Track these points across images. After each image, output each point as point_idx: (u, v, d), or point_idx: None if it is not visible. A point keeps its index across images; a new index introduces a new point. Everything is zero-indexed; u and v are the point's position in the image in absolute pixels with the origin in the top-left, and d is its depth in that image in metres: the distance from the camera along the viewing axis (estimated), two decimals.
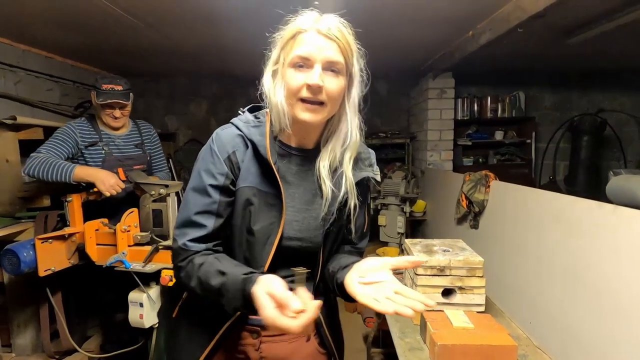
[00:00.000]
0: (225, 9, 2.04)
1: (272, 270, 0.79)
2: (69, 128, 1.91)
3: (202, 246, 0.78)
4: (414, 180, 3.28)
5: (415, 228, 3.56)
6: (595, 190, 3.67)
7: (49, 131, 2.14)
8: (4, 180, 2.08)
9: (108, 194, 1.75)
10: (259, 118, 0.84)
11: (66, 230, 1.70)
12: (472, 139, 3.94)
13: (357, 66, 0.79)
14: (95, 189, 1.77)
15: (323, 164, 0.81)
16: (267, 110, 0.82)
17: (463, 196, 2.31)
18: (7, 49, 2.47)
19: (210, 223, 0.78)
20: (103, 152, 1.95)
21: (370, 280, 0.70)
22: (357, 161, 0.85)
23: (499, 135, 4.01)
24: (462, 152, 3.95)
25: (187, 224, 0.79)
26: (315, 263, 0.84)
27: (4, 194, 2.08)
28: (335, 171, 0.83)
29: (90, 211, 1.82)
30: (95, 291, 2.11)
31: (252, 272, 0.71)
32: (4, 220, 2.01)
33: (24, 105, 2.60)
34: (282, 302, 0.60)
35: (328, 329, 0.90)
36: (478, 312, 1.29)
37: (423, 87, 3.75)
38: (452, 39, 2.68)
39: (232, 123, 0.84)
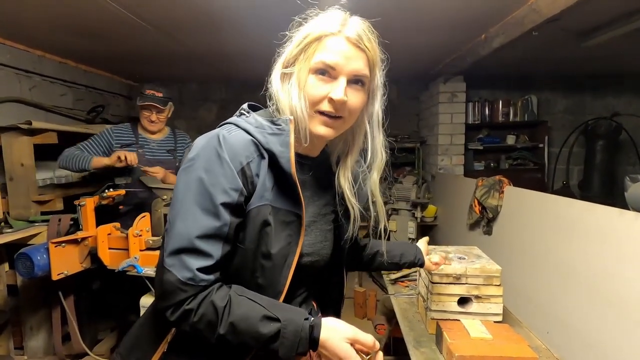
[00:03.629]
0: (235, 16, 2.05)
1: (288, 293, 0.71)
2: (105, 131, 2.10)
3: (211, 278, 0.63)
4: (425, 185, 3.24)
5: (426, 233, 3.52)
6: (610, 195, 3.60)
7: (62, 136, 2.17)
8: (19, 184, 2.10)
9: (122, 160, 1.89)
10: (279, 125, 0.69)
11: (79, 234, 1.71)
12: (484, 144, 3.89)
13: (381, 79, 0.74)
14: (109, 192, 1.79)
15: (344, 181, 0.77)
16: (291, 118, 0.69)
17: (476, 201, 2.27)
18: (23, 54, 2.51)
19: (218, 251, 0.63)
20: (137, 153, 2.06)
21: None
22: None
23: (510, 140, 3.96)
24: (473, 157, 3.91)
25: (188, 250, 0.61)
26: (330, 279, 0.85)
27: (19, 197, 2.11)
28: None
29: (103, 216, 1.83)
30: (107, 295, 2.13)
31: (309, 315, 0.64)
32: (19, 224, 2.03)
33: (39, 110, 2.64)
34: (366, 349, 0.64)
35: None
36: (495, 321, 1.26)
37: (433, 91, 3.72)
38: (463, 43, 2.66)
39: (237, 126, 0.69)
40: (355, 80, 0.69)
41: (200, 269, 0.61)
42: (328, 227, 0.80)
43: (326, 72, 0.67)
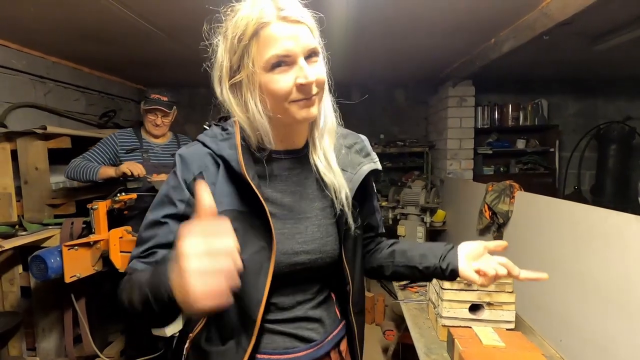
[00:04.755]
0: None
1: (272, 298, 0.69)
2: (110, 138, 2.10)
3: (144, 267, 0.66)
4: (434, 189, 3.22)
5: (434, 238, 3.49)
6: (623, 201, 3.53)
7: (76, 140, 2.21)
8: (33, 188, 2.15)
9: (129, 172, 1.90)
10: (226, 129, 0.71)
11: (91, 238, 1.73)
12: (493, 148, 3.86)
13: (320, 40, 0.68)
14: (121, 196, 1.81)
15: (317, 158, 0.71)
16: (235, 118, 0.69)
17: (486, 207, 2.25)
18: (38, 60, 2.57)
19: (162, 255, 0.65)
20: (141, 158, 2.09)
21: (482, 267, 0.71)
22: (353, 154, 0.76)
23: (520, 144, 3.92)
24: (482, 161, 3.87)
25: (137, 256, 0.67)
26: (339, 277, 0.75)
27: (33, 200, 2.15)
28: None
29: (114, 219, 1.86)
30: (116, 298, 2.15)
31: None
32: (33, 226, 2.07)
33: (52, 115, 2.69)
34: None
35: (359, 344, 0.81)
36: (508, 329, 1.24)
37: (442, 95, 3.71)
38: (472, 47, 2.65)
39: (197, 140, 0.72)
40: (311, 54, 0.64)
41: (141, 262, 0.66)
42: (330, 222, 0.73)
43: (282, 62, 0.62)
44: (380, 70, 3.39)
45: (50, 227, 2.10)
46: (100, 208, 1.78)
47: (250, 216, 0.66)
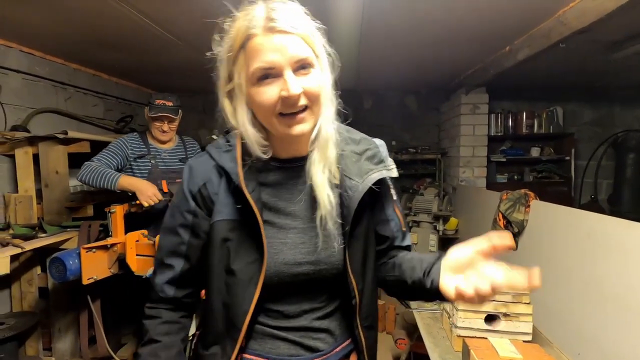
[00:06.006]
0: None
1: (277, 305, 0.70)
2: (121, 141, 2.05)
3: (172, 291, 0.73)
4: (447, 197, 3.20)
5: (447, 247, 3.44)
6: None
7: (95, 145, 2.27)
8: (53, 191, 2.20)
9: (146, 204, 1.83)
10: (229, 141, 0.72)
11: (109, 241, 1.77)
12: (507, 156, 3.82)
13: (323, 50, 0.66)
14: (138, 201, 1.84)
15: (315, 170, 0.67)
16: (237, 131, 0.69)
17: (500, 215, 2.22)
18: (60, 67, 2.65)
19: (178, 265, 0.72)
20: (150, 164, 2.07)
21: (460, 285, 0.59)
22: (363, 161, 0.72)
23: (535, 152, 3.86)
24: (496, 169, 3.83)
25: (160, 264, 0.74)
26: (346, 289, 0.71)
27: (53, 203, 2.21)
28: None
29: (131, 222, 1.89)
30: (132, 300, 2.17)
31: None
32: (52, 229, 2.12)
33: (71, 120, 2.77)
34: None
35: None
36: (525, 341, 1.22)
37: (455, 103, 3.69)
38: (486, 55, 2.64)
39: (206, 151, 0.74)
40: (301, 66, 0.62)
41: (166, 282, 0.73)
42: (337, 232, 0.69)
43: (268, 75, 0.61)
44: (392, 77, 3.40)
45: (68, 229, 2.15)
46: (118, 212, 1.82)
47: (247, 227, 0.67)
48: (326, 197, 0.67)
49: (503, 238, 0.60)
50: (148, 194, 1.84)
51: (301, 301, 0.71)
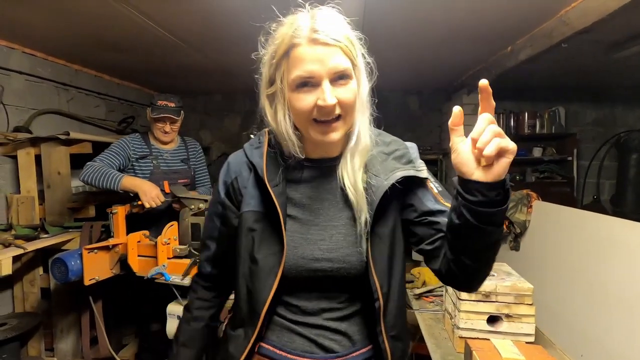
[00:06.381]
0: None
1: (296, 300, 0.73)
2: (123, 142, 2.05)
3: (209, 268, 0.85)
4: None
5: None
6: None
7: (96, 146, 2.27)
8: (55, 192, 2.21)
9: (148, 206, 1.83)
10: (260, 139, 0.78)
11: (110, 241, 1.77)
12: None
13: (362, 60, 0.69)
14: (139, 202, 1.84)
15: (346, 172, 0.71)
16: (267, 129, 0.76)
17: None
18: (62, 69, 2.66)
19: (212, 246, 0.83)
20: (152, 165, 2.06)
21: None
22: (391, 160, 0.74)
23: (537, 152, 3.86)
24: None
25: (202, 243, 0.87)
26: (369, 291, 0.69)
27: (55, 204, 2.21)
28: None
29: (132, 223, 1.89)
30: (133, 301, 2.18)
31: None
32: (54, 229, 2.13)
33: (73, 121, 2.78)
34: None
35: None
36: (527, 342, 1.21)
37: (457, 103, 3.67)
38: (488, 55, 2.63)
39: (242, 148, 0.81)
40: (339, 77, 0.65)
41: (205, 259, 0.85)
42: (359, 232, 0.71)
43: (307, 83, 0.65)
44: (394, 77, 3.39)
45: (70, 230, 2.16)
46: (120, 212, 1.82)
47: (271, 219, 0.71)
48: (352, 197, 0.70)
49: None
50: (151, 195, 1.84)
51: (320, 299, 0.73)
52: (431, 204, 0.72)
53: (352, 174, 0.71)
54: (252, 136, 0.82)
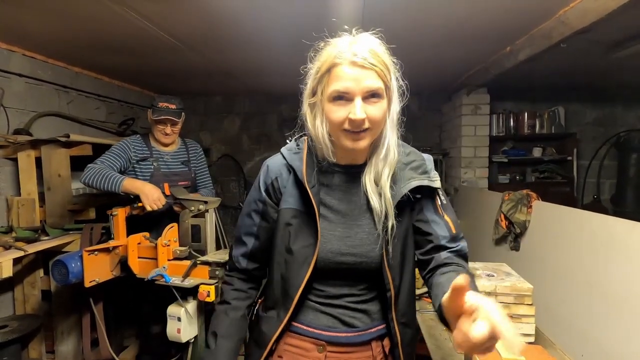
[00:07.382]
0: (265, 35, 2.11)
1: (321, 285, 0.84)
2: (124, 143, 2.04)
3: (244, 263, 0.92)
4: (449, 198, 3.19)
5: None
6: None
7: (97, 148, 2.28)
8: (55, 194, 2.21)
9: (149, 208, 1.83)
10: (299, 145, 0.89)
11: (111, 243, 1.77)
12: (509, 156, 3.81)
13: (395, 82, 0.80)
14: (140, 204, 1.84)
15: (368, 179, 0.82)
16: (306, 137, 0.87)
17: (502, 216, 2.21)
18: (62, 71, 2.66)
19: (250, 242, 0.90)
20: (152, 167, 2.06)
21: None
22: (408, 170, 0.84)
23: (537, 152, 3.85)
24: (497, 169, 3.82)
25: (237, 240, 0.93)
26: (382, 282, 0.82)
27: (56, 206, 2.21)
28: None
29: (133, 225, 1.89)
30: (134, 303, 2.18)
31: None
32: (55, 232, 2.13)
33: (73, 123, 2.78)
34: None
35: (404, 356, 0.86)
36: (527, 342, 1.21)
37: (456, 103, 3.69)
38: (487, 55, 2.63)
39: (280, 152, 0.91)
40: (371, 95, 0.75)
41: (241, 254, 0.92)
42: (378, 231, 0.82)
43: (342, 97, 0.75)
44: None
45: (71, 232, 2.16)
46: (120, 214, 1.82)
47: (306, 216, 0.83)
48: (374, 201, 0.81)
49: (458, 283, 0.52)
50: (153, 198, 1.83)
51: (342, 286, 0.85)
52: (429, 214, 0.85)
53: (376, 182, 0.82)
54: (288, 141, 0.93)
